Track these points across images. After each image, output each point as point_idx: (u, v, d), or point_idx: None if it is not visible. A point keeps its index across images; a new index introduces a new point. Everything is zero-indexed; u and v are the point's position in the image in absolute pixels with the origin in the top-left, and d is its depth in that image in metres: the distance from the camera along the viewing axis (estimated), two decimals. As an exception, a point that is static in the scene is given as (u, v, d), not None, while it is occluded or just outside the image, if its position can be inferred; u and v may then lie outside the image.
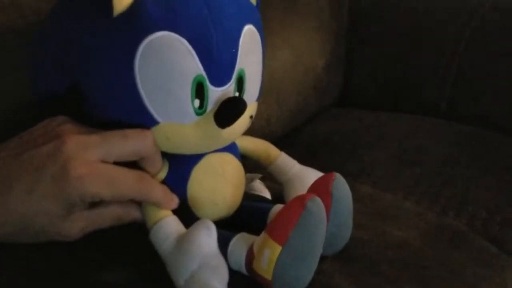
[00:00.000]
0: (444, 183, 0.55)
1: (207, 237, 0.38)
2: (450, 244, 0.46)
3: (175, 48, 0.37)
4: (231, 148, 0.46)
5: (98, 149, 0.38)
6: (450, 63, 0.71)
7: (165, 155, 0.43)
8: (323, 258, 0.42)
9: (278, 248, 0.37)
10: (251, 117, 0.45)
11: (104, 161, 0.37)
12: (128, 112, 0.39)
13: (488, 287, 0.43)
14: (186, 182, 0.43)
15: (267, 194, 0.51)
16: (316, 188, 0.42)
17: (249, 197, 0.49)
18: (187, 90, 0.38)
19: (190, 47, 0.37)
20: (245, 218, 0.46)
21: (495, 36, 0.69)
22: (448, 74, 0.72)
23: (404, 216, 0.51)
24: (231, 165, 0.45)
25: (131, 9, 0.37)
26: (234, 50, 0.40)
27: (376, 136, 0.66)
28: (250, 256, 0.40)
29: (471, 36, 0.71)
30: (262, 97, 0.74)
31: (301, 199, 0.38)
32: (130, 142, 0.38)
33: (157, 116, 0.39)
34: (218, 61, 0.39)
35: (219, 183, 0.44)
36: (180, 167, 0.43)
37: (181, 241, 0.39)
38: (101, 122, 0.40)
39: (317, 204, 0.38)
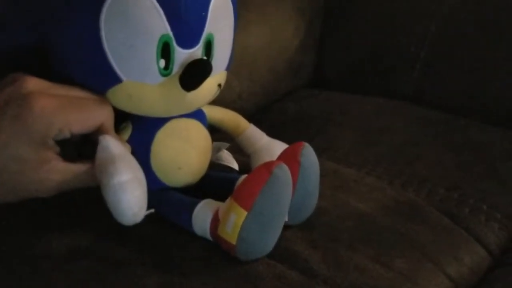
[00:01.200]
0: (406, 161, 0.57)
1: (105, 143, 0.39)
2: (407, 216, 0.48)
3: (142, 5, 0.37)
4: (198, 115, 0.46)
5: (61, 88, 0.38)
6: (419, 50, 0.73)
7: (129, 118, 0.43)
8: (286, 226, 0.43)
9: (243, 213, 0.38)
10: (219, 85, 0.45)
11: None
12: (92, 68, 0.39)
13: (440, 256, 0.45)
14: (150, 145, 0.43)
15: (235, 165, 0.51)
16: (284, 156, 0.43)
17: (216, 167, 0.49)
18: (153, 48, 0.38)
19: (157, 6, 0.37)
20: (211, 187, 0.47)
21: (463, 24, 0.71)
22: (416, 60, 0.73)
23: (366, 190, 0.52)
24: (197, 131, 0.45)
25: None
26: (203, 13, 0.40)
27: (344, 116, 0.68)
28: (215, 221, 0.40)
29: (440, 24, 0.73)
30: (235, 71, 0.75)
31: (268, 165, 0.39)
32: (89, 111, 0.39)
33: (120, 74, 0.39)
34: (186, 22, 0.39)
35: (183, 147, 0.44)
36: (144, 129, 0.43)
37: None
38: (65, 77, 0.40)
39: (283, 171, 0.39)
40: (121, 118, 0.43)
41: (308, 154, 0.42)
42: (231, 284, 0.39)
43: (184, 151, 0.44)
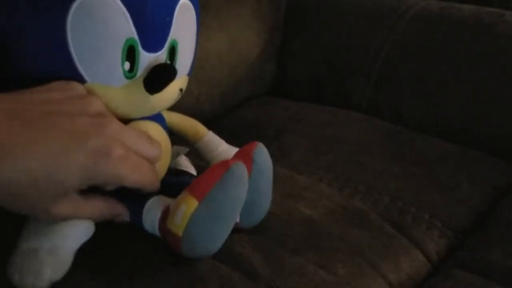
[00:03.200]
0: (355, 170, 0.59)
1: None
2: (352, 223, 0.50)
3: (109, 8, 0.37)
4: (158, 119, 0.46)
5: (133, 139, 0.38)
6: (373, 63, 0.76)
7: None
8: (234, 230, 0.44)
9: (195, 203, 0.37)
10: (181, 90, 0.46)
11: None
12: (58, 69, 0.39)
13: (381, 262, 0.46)
14: None
15: (193, 171, 0.52)
16: (239, 155, 0.43)
17: (174, 172, 0.49)
18: (118, 51, 0.38)
19: (124, 9, 0.38)
20: (168, 192, 0.45)
21: (416, 41, 0.74)
22: (370, 73, 0.76)
23: (315, 196, 0.54)
24: (156, 134, 0.45)
25: None
26: (168, 19, 0.41)
27: (299, 124, 0.69)
28: (165, 214, 0.40)
29: (395, 39, 0.75)
30: (194, 76, 0.76)
31: (226, 162, 0.39)
32: (153, 147, 0.40)
33: (86, 76, 0.39)
34: (152, 27, 0.39)
35: None
36: None
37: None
38: (29, 77, 0.39)
39: (240, 168, 0.39)
40: None
41: (262, 152, 0.43)
42: (173, 285, 0.39)
43: None
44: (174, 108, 0.51)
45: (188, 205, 0.38)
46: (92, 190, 0.38)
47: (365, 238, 0.48)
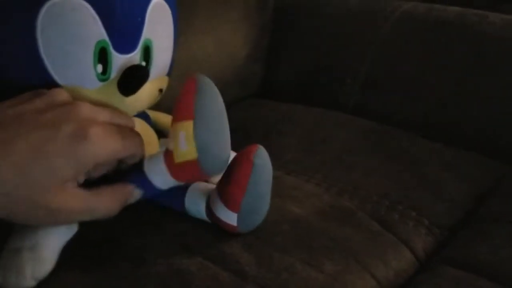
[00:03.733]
0: (343, 169, 0.59)
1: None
2: (340, 221, 0.50)
3: (78, 11, 0.37)
4: (142, 116, 0.47)
5: (107, 114, 0.38)
6: (360, 65, 0.76)
7: None
8: (222, 231, 0.44)
9: (190, 123, 0.37)
10: (160, 90, 0.46)
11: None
12: (30, 74, 0.39)
13: (369, 259, 0.47)
14: None
15: None
16: (239, 157, 0.43)
17: None
18: (89, 54, 0.38)
19: (93, 12, 0.38)
20: None
21: (402, 43, 0.75)
22: (357, 74, 0.77)
23: (303, 196, 0.54)
24: (141, 128, 0.45)
25: None
26: (140, 19, 0.40)
27: (287, 125, 0.69)
28: (168, 155, 0.39)
29: (382, 41, 0.76)
30: (182, 78, 0.75)
31: (192, 77, 0.39)
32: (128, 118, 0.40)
33: (58, 79, 0.39)
34: (122, 28, 0.39)
35: None
36: None
37: None
38: (1, 84, 0.39)
39: (208, 83, 0.39)
40: None
41: (262, 155, 0.43)
42: (163, 284, 0.39)
43: None
44: (162, 111, 0.51)
45: (185, 129, 0.38)
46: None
47: (353, 236, 0.49)
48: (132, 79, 0.40)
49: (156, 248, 0.43)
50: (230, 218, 0.43)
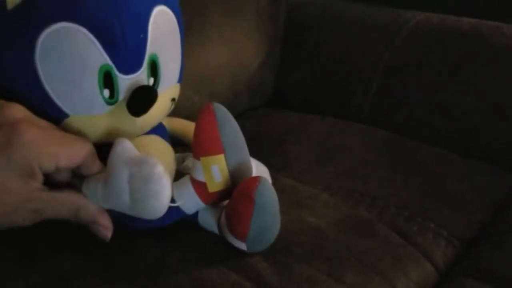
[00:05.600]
0: (359, 180, 0.59)
1: (121, 147, 0.38)
2: (359, 232, 0.50)
3: (76, 39, 0.36)
4: (157, 130, 0.45)
5: (44, 123, 0.37)
6: (373, 74, 0.76)
7: None
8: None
9: (221, 157, 0.39)
10: (173, 99, 0.44)
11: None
12: (37, 106, 0.37)
13: (389, 271, 0.46)
14: None
15: None
16: (238, 194, 0.41)
17: (183, 177, 0.46)
18: (93, 81, 0.37)
19: (92, 37, 0.36)
20: None
21: (415, 52, 0.75)
22: (370, 84, 0.76)
23: (320, 206, 0.53)
24: (156, 147, 0.44)
25: (26, 1, 0.35)
26: (142, 36, 0.38)
27: (300, 135, 0.69)
28: (199, 187, 0.40)
29: (394, 50, 0.76)
30: (196, 87, 0.76)
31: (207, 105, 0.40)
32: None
33: (65, 109, 0.37)
34: (124, 49, 0.37)
35: None
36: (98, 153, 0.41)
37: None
38: None
39: (226, 113, 0.41)
40: None
41: (263, 191, 0.40)
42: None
43: None
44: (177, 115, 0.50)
45: (217, 162, 0.39)
46: None
47: (372, 247, 0.48)
48: (142, 101, 0.39)
49: (175, 258, 0.42)
50: (239, 245, 0.43)
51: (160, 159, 0.42)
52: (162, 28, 0.40)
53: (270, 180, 0.51)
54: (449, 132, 0.70)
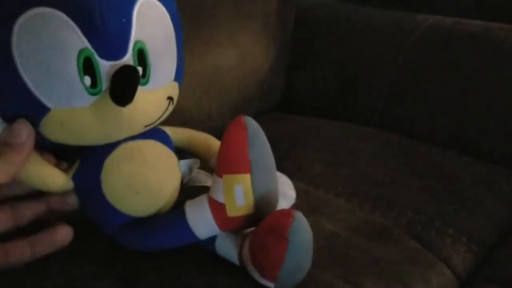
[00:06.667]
0: (373, 184, 0.58)
1: None
2: (376, 238, 0.48)
3: (53, 23, 0.34)
4: (157, 136, 0.42)
5: None
6: (385, 79, 0.75)
7: (77, 155, 0.40)
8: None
9: (247, 177, 0.35)
10: (170, 98, 0.41)
11: None
12: (16, 102, 0.35)
13: (409, 277, 0.45)
14: (99, 174, 0.39)
15: None
16: (270, 232, 0.37)
17: (192, 190, 0.44)
18: (73, 67, 0.35)
19: (70, 21, 0.34)
20: None
21: (428, 56, 0.74)
22: (382, 88, 0.75)
23: (335, 211, 0.52)
24: (154, 151, 0.41)
25: None
26: (124, 20, 0.36)
27: (313, 138, 0.68)
28: (217, 206, 0.37)
29: (407, 55, 0.75)
30: (205, 91, 0.74)
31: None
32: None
33: (46, 102, 0.35)
34: (105, 32, 0.35)
35: (137, 169, 0.39)
36: (91, 161, 0.39)
37: None
38: None
39: (258, 130, 0.37)
40: (68, 156, 0.40)
41: (299, 229, 0.36)
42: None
43: (140, 173, 0.39)
44: (185, 124, 0.48)
45: (242, 182, 0.36)
46: None
47: (390, 253, 0.47)
48: (124, 83, 0.35)
49: (192, 269, 0.41)
50: (266, 283, 0.39)
51: (159, 163, 0.41)
52: (149, 18, 0.38)
53: (294, 193, 0.50)
54: (463, 136, 0.69)
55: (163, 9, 0.39)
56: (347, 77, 0.78)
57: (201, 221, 0.38)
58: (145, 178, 0.39)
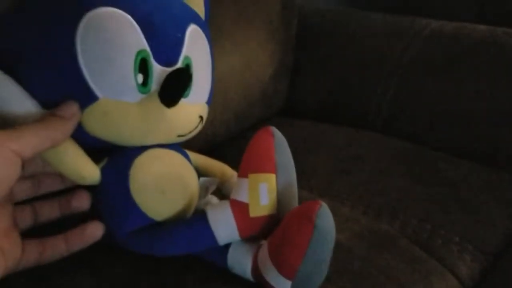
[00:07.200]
0: (378, 192, 0.57)
1: None
2: (381, 246, 0.48)
3: (118, 21, 0.37)
4: (182, 152, 0.44)
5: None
6: (388, 84, 0.75)
7: (105, 150, 0.40)
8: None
9: (272, 176, 0.37)
10: (201, 117, 0.44)
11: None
12: (67, 86, 0.37)
13: (414, 286, 0.44)
14: (128, 170, 0.39)
15: None
16: (297, 216, 0.36)
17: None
18: (129, 62, 0.37)
19: (133, 22, 0.37)
20: None
21: (432, 60, 0.73)
22: (385, 93, 0.75)
23: (340, 219, 0.52)
24: (179, 160, 0.43)
25: None
26: (180, 35, 0.40)
27: (316, 145, 0.68)
28: (240, 206, 0.37)
29: (409, 60, 0.75)
30: (212, 96, 0.74)
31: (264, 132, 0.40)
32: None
33: (96, 91, 0.37)
34: (163, 40, 0.39)
35: (165, 170, 0.41)
36: (121, 157, 0.40)
37: None
38: (37, 94, 0.37)
39: (284, 141, 0.40)
40: (96, 156, 0.40)
41: (325, 214, 0.36)
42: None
43: (167, 173, 0.41)
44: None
45: (268, 181, 0.37)
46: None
47: (396, 262, 0.46)
48: (174, 85, 0.38)
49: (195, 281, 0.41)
50: (281, 284, 0.37)
51: (185, 171, 0.42)
52: (197, 39, 0.42)
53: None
54: (468, 141, 0.69)
55: (205, 39, 0.44)
56: (351, 83, 0.78)
57: (222, 223, 0.38)
58: (173, 180, 0.41)
